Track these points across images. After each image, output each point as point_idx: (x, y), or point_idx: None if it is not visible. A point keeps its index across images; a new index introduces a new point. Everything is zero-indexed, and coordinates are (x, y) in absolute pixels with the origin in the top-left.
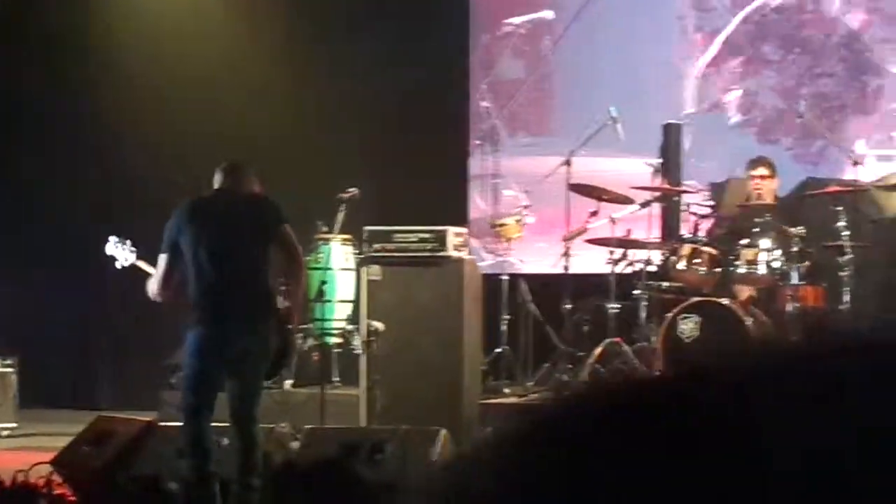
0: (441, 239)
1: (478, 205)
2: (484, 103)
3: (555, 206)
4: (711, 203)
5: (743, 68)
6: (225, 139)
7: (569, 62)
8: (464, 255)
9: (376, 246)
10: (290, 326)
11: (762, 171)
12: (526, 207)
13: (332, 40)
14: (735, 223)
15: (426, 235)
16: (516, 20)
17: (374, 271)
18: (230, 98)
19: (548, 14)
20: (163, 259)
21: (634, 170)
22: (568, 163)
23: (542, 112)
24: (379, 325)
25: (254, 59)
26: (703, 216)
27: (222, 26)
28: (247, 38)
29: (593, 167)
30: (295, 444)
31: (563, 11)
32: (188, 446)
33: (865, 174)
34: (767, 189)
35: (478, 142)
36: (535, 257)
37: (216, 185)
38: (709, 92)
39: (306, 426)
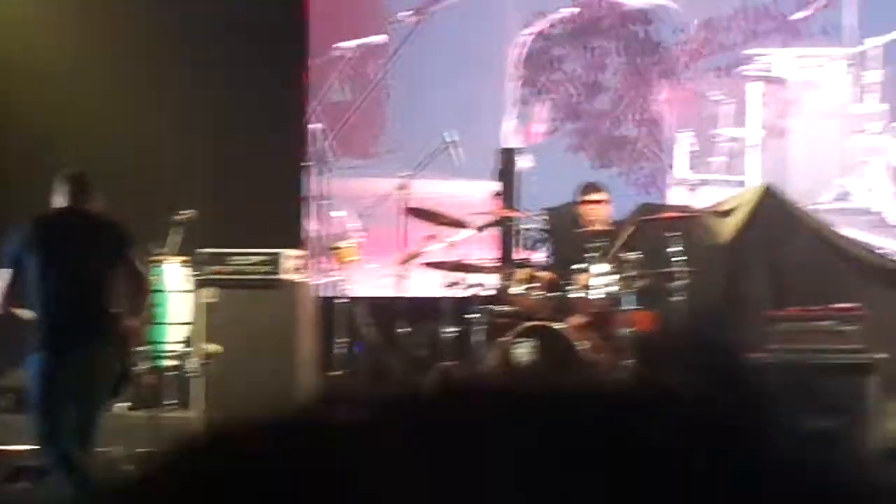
0: (275, 262)
1: (309, 226)
2: (316, 125)
3: (387, 229)
4: (547, 227)
5: (577, 93)
6: (67, 151)
7: (400, 86)
8: (299, 277)
9: (212, 268)
10: (129, 350)
11: (595, 196)
12: (358, 230)
13: (174, 60)
14: (570, 248)
15: (261, 258)
16: (347, 44)
17: (211, 293)
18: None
19: (380, 39)
20: (5, 274)
21: (472, 193)
22: (404, 186)
23: (372, 135)
24: (215, 348)
25: (99, 77)
26: (539, 240)
27: (73, 24)
28: (96, 47)
29: (430, 190)
30: (128, 469)
31: (395, 36)
32: (62, 472)
33: (697, 200)
34: (601, 214)
35: (310, 163)
36: (366, 278)
37: (62, 201)
38: (544, 116)
39: (140, 450)
